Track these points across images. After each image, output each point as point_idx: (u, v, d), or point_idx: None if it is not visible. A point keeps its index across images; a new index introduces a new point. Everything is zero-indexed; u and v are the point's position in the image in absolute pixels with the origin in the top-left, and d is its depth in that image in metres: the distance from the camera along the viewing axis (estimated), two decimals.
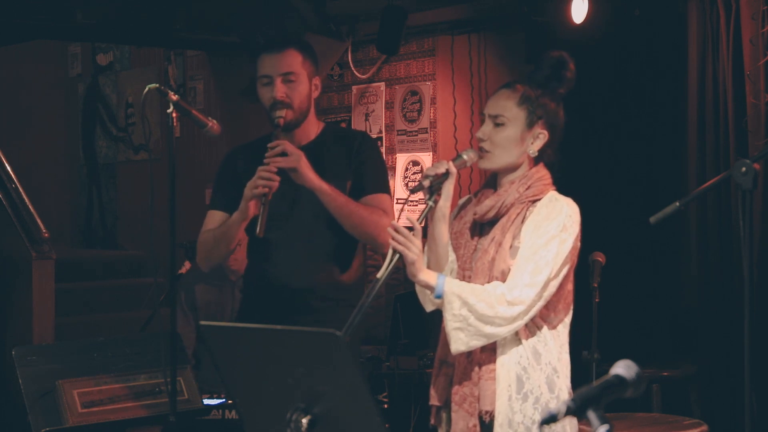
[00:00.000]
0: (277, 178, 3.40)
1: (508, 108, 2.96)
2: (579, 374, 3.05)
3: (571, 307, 3.00)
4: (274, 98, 3.56)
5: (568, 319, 2.99)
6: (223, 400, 4.32)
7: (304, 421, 2.17)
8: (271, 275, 3.63)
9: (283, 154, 3.44)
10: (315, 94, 3.68)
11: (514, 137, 2.95)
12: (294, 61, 3.60)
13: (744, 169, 2.51)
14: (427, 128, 6.34)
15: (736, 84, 4.90)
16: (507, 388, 2.89)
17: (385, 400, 5.25)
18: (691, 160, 5.14)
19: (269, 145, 3.47)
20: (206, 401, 4.12)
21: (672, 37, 5.33)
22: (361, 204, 3.56)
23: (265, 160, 3.43)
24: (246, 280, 3.84)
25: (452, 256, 3.02)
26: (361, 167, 3.64)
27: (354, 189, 3.61)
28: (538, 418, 2.86)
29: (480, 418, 2.90)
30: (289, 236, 3.61)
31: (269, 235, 3.48)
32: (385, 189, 3.68)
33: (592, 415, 1.81)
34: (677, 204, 2.67)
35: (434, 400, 3.02)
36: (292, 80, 3.58)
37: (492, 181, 3.06)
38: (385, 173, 3.76)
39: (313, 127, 3.70)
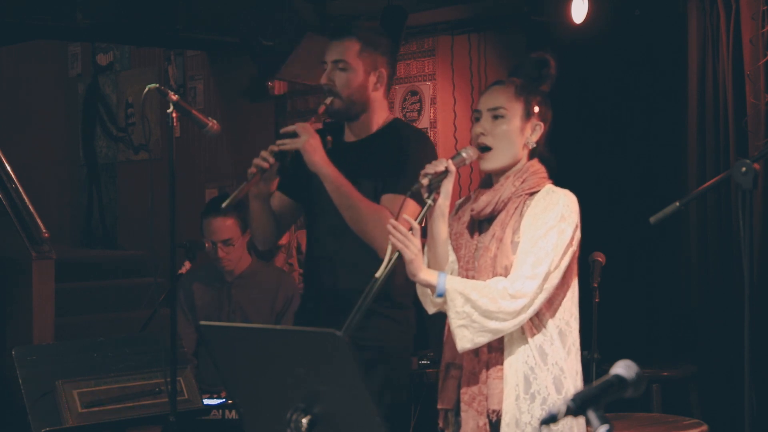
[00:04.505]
0: (272, 159, 3.35)
1: (506, 100, 2.96)
2: None
3: (577, 304, 2.97)
4: (322, 84, 3.50)
5: (575, 314, 2.95)
6: (223, 400, 4.32)
7: (304, 421, 2.17)
8: (318, 279, 3.59)
9: (293, 135, 3.37)
10: (378, 88, 3.50)
11: (514, 129, 2.95)
12: (349, 49, 3.47)
13: (744, 169, 2.51)
14: (427, 128, 6.34)
15: (736, 84, 4.90)
16: (514, 387, 2.87)
17: None
18: (691, 160, 5.14)
19: (282, 131, 3.44)
20: (206, 401, 4.11)
21: (672, 37, 5.33)
22: (366, 199, 3.37)
23: (277, 141, 3.38)
24: (303, 282, 3.87)
25: (452, 257, 3.00)
26: (395, 164, 3.42)
27: (383, 185, 3.44)
28: None
29: (488, 417, 2.89)
30: (339, 240, 3.50)
31: (321, 238, 3.48)
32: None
33: (592, 415, 1.81)
34: (677, 204, 2.67)
35: (442, 403, 3.01)
36: (342, 68, 3.46)
37: (488, 180, 3.04)
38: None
39: (376, 121, 3.54)
